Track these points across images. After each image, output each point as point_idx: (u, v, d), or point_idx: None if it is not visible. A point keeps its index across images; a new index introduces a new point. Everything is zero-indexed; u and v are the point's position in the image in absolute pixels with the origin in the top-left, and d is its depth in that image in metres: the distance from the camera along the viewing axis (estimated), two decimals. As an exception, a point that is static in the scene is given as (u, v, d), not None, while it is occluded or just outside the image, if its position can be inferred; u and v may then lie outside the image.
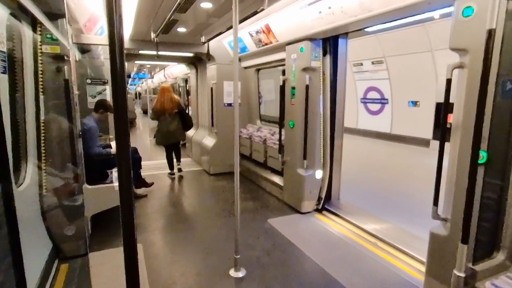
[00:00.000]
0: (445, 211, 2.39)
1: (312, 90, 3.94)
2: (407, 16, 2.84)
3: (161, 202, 4.61)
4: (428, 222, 2.47)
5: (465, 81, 2.18)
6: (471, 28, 2.10)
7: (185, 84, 11.19)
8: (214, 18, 4.00)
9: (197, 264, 3.00)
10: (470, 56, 2.13)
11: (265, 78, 6.06)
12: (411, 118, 9.32)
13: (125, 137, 1.02)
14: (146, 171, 6.02)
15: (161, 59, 6.83)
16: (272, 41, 4.45)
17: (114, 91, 0.99)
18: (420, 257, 2.89)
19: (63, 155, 2.91)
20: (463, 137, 2.21)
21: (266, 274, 2.81)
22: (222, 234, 3.61)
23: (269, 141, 5.03)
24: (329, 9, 3.17)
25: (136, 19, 4.08)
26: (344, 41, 3.97)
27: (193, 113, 7.85)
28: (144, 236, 3.52)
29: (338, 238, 3.48)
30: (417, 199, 4.62)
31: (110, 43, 0.95)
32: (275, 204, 4.56)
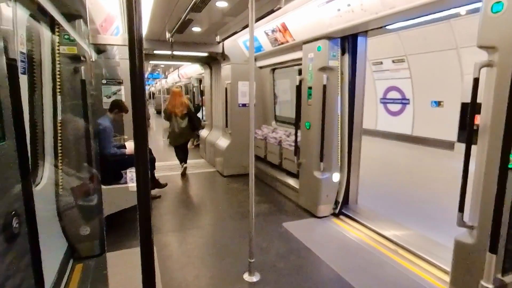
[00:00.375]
0: (472, 218, 2.26)
1: (330, 90, 3.85)
2: (432, 12, 2.72)
3: (175, 204, 4.61)
4: (452, 230, 2.35)
5: (494, 80, 2.06)
6: (500, 24, 1.98)
7: (199, 84, 11.23)
8: (229, 17, 3.96)
9: (211, 267, 2.96)
10: (499, 54, 2.01)
11: (280, 78, 5.99)
12: (434, 119, 9.00)
13: (143, 138, 1.00)
14: (159, 172, 6.04)
15: (176, 59, 6.86)
16: (288, 40, 4.37)
17: (133, 91, 0.98)
18: (443, 266, 2.75)
19: (79, 155, 2.93)
20: (491, 140, 2.09)
21: (281, 279, 2.73)
22: (236, 237, 3.56)
23: (284, 142, 4.96)
24: (348, 7, 3.08)
25: (151, 19, 4.08)
26: (364, 39, 3.85)
27: (207, 113, 7.85)
28: (157, 238, 3.51)
29: (356, 244, 3.37)
30: (440, 204, 4.43)
31: (130, 43, 0.95)
32: (291, 207, 4.48)
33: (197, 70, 9.30)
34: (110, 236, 3.45)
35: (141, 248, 1.06)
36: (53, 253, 2.67)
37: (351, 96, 3.97)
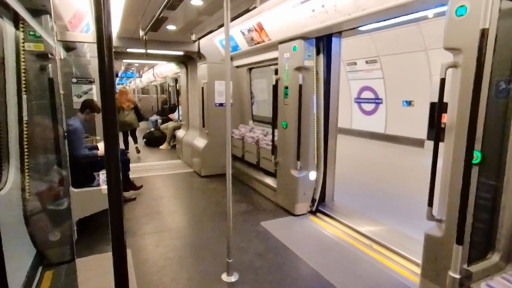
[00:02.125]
0: (440, 212, 2.36)
1: (306, 89, 3.90)
2: (401, 14, 2.82)
3: (151, 205, 4.50)
4: (423, 224, 2.45)
5: (459, 80, 2.16)
6: (464, 27, 2.08)
7: (175, 83, 11.05)
8: (205, 16, 3.92)
9: (188, 269, 2.92)
10: (463, 55, 2.11)
11: (257, 78, 6.00)
12: (405, 118, 9.36)
13: (114, 138, 0.98)
14: (135, 173, 5.90)
15: (150, 58, 6.70)
16: (264, 40, 4.39)
17: (103, 90, 0.95)
18: (415, 259, 2.86)
19: (48, 157, 2.80)
20: (457, 137, 2.19)
21: (259, 278, 2.74)
22: (214, 237, 3.53)
23: (261, 142, 4.97)
24: (322, 8, 3.13)
25: (123, 16, 3.96)
26: (338, 40, 3.93)
27: (184, 113, 7.74)
28: (133, 241, 3.41)
29: (332, 240, 3.44)
30: (412, 200, 4.62)
31: (98, 41, 0.92)
32: (268, 206, 4.50)
33: (172, 69, 9.14)
34: (82, 241, 3.33)
35: (113, 252, 1.03)
36: (20, 260, 2.53)
37: (326, 95, 4.05)
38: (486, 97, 2.03)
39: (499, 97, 2.12)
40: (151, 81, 14.89)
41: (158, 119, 10.71)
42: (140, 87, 18.51)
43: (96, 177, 3.63)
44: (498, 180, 2.20)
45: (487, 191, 2.23)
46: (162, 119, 10.38)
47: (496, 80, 2.08)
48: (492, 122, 2.10)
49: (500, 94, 2.12)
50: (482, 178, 2.15)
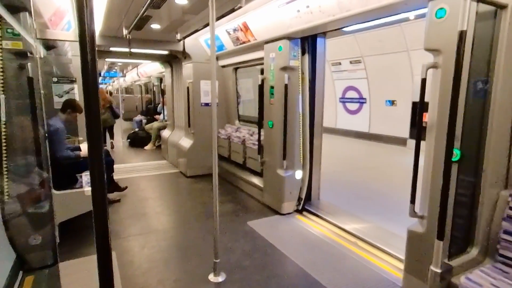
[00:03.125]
0: (422, 208, 2.43)
1: (291, 89, 3.93)
2: (384, 16, 2.87)
3: (136, 207, 4.43)
4: (406, 220, 2.51)
5: (439, 81, 2.23)
6: (444, 29, 2.14)
7: (160, 83, 10.91)
8: (189, 15, 3.89)
9: (175, 270, 2.89)
10: (443, 56, 2.18)
11: (243, 77, 6.00)
12: (388, 117, 9.56)
13: (97, 139, 0.96)
14: (119, 174, 5.79)
15: (134, 57, 6.59)
16: (250, 40, 4.39)
17: (86, 90, 0.93)
18: (398, 254, 2.93)
19: (28, 159, 2.71)
20: (437, 136, 2.26)
21: (247, 277, 2.75)
22: (200, 238, 3.51)
23: (248, 141, 4.98)
24: (307, 8, 3.16)
25: (106, 14, 3.89)
26: (323, 40, 3.98)
27: (169, 113, 7.65)
28: (117, 243, 3.35)
29: (318, 238, 3.48)
30: (396, 197, 4.72)
31: (80, 39, 0.90)
32: (255, 206, 4.51)
33: (157, 69, 9.02)
34: (65, 244, 3.25)
35: (98, 255, 1.02)
36: (-1, 266, 2.45)
37: (311, 95, 4.09)
38: (465, 97, 2.10)
39: (476, 96, 2.20)
40: (135, 81, 14.64)
41: (142, 119, 10.54)
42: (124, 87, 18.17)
43: (79, 179, 3.55)
44: (476, 177, 2.28)
45: (466, 188, 2.31)
46: (146, 119, 10.23)
47: (474, 81, 2.16)
48: (470, 121, 2.18)
49: (478, 94, 2.20)
50: (461, 175, 2.23)
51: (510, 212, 2.10)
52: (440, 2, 2.15)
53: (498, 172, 2.23)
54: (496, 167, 2.21)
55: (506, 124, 2.18)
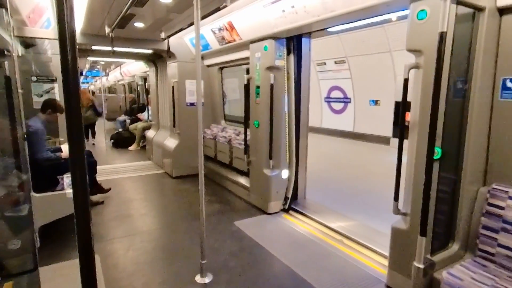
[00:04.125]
0: (405, 206, 2.48)
1: (277, 89, 3.94)
2: (367, 17, 2.92)
3: (120, 209, 4.35)
4: (390, 217, 2.56)
5: (420, 81, 2.28)
6: (425, 30, 2.20)
7: (144, 82, 10.74)
8: (174, 14, 3.84)
9: (161, 272, 2.85)
10: (424, 57, 2.23)
11: (229, 77, 5.98)
12: (372, 116, 9.73)
13: (79, 140, 0.94)
14: (102, 176, 5.67)
15: (117, 56, 6.46)
16: (235, 39, 4.38)
17: (66, 89, 0.91)
18: (383, 251, 2.99)
19: (5, 161, 2.62)
20: (419, 135, 2.31)
21: (234, 278, 2.74)
22: (187, 239, 3.48)
23: (234, 141, 4.96)
24: (292, 8, 3.17)
25: (88, 11, 3.79)
26: (308, 40, 4.01)
27: (153, 113, 7.54)
28: (101, 246, 3.28)
29: (305, 237, 3.50)
30: (380, 195, 4.80)
31: (60, 37, 0.88)
32: (242, 205, 4.50)
33: (141, 68, 8.88)
34: (46, 248, 3.15)
35: (80, 258, 0.99)
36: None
37: (297, 95, 4.11)
38: (445, 97, 2.16)
39: (456, 96, 2.26)
40: (118, 80, 14.36)
41: (126, 119, 10.35)
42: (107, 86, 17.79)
43: (60, 181, 3.45)
44: (457, 174, 2.35)
45: (447, 185, 2.37)
46: (130, 119, 10.06)
47: (454, 81, 2.22)
48: (451, 120, 2.24)
49: (458, 94, 2.27)
50: (443, 173, 2.29)
51: (488, 208, 2.17)
52: (421, 4, 2.20)
53: (477, 170, 2.30)
54: (475, 165, 2.29)
55: (484, 123, 2.25)
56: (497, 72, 2.19)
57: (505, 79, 2.15)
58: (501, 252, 2.08)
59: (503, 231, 2.08)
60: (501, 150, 2.23)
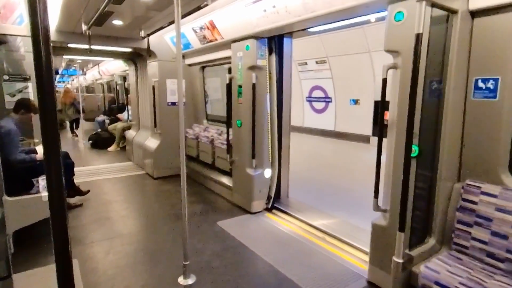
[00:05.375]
0: (385, 202, 2.55)
1: (259, 88, 3.94)
2: (347, 18, 2.97)
3: (99, 211, 4.23)
4: (371, 214, 2.62)
5: (398, 81, 2.35)
6: (402, 31, 2.26)
7: (124, 81, 10.50)
8: (154, 12, 3.77)
9: (143, 275, 2.79)
10: (401, 57, 2.29)
11: (211, 76, 5.94)
12: (353, 116, 9.92)
13: (54, 141, 0.91)
14: (80, 177, 5.51)
15: (95, 54, 6.29)
16: (217, 38, 4.35)
17: (40, 89, 0.88)
18: (364, 247, 3.05)
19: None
20: (398, 133, 2.38)
21: (217, 278, 2.72)
22: (169, 241, 3.43)
23: (216, 141, 4.93)
24: (273, 8, 3.19)
25: (63, 8, 3.66)
26: (289, 40, 4.03)
27: (133, 113, 7.39)
28: (79, 250, 3.18)
29: (288, 236, 3.53)
30: (360, 192, 4.89)
31: (33, 34, 0.85)
32: (225, 205, 4.48)
33: (120, 67, 8.67)
34: (21, 254, 3.03)
35: (57, 263, 0.96)
36: None
37: (279, 94, 4.13)
38: (422, 96, 2.23)
39: (432, 96, 2.34)
40: (96, 79, 13.96)
41: (105, 120, 10.09)
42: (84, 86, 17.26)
43: (35, 184, 3.32)
44: (433, 171, 2.43)
45: (424, 182, 2.45)
46: (110, 119, 9.81)
47: (430, 81, 2.30)
48: (427, 119, 2.32)
49: (433, 93, 2.34)
50: (420, 170, 2.36)
51: (462, 203, 2.26)
52: (398, 6, 2.26)
53: (452, 166, 2.39)
54: (450, 162, 2.37)
55: (458, 122, 2.34)
56: (470, 73, 2.28)
57: (477, 79, 2.25)
58: (475, 245, 2.17)
59: (476, 225, 2.17)
60: (474, 147, 2.32)
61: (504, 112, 2.14)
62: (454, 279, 1.91)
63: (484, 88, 2.21)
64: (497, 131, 2.18)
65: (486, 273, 1.99)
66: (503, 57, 2.11)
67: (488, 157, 2.25)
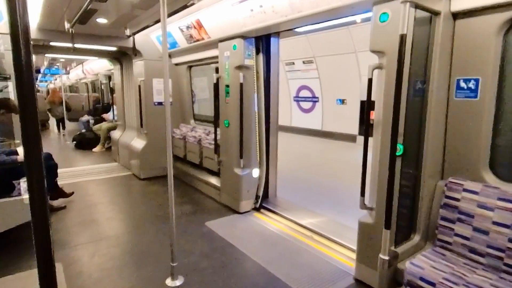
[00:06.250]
0: (371, 201, 2.59)
1: (247, 88, 3.94)
2: (333, 18, 3.01)
3: (84, 214, 4.14)
4: (357, 212, 2.66)
5: (383, 81, 2.39)
6: (387, 32, 2.30)
7: (109, 81, 10.31)
8: (139, 10, 3.71)
9: (129, 277, 2.75)
10: (387, 58, 2.33)
11: (198, 76, 5.89)
12: (339, 115, 10.03)
13: (35, 141, 0.89)
14: (64, 179, 5.38)
15: (79, 53, 6.15)
16: (204, 38, 4.32)
17: (20, 88, 0.86)
18: (351, 245, 3.09)
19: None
20: (383, 132, 2.42)
21: (205, 279, 2.71)
22: (156, 242, 3.39)
23: (204, 141, 4.90)
24: (260, 8, 3.19)
25: (45, 5, 3.57)
26: (276, 40, 4.04)
27: (119, 113, 7.27)
28: (64, 254, 3.11)
29: (276, 235, 3.54)
30: (347, 191, 4.95)
31: (12, 32, 0.82)
32: (213, 206, 4.46)
33: (105, 66, 8.50)
34: (1, 258, 2.95)
35: (39, 268, 0.94)
36: None
37: (266, 94, 4.14)
38: (406, 96, 2.27)
39: (416, 95, 2.39)
40: (80, 78, 13.65)
41: (90, 120, 9.88)
42: (68, 85, 16.86)
43: (16, 186, 3.22)
44: (417, 169, 2.48)
45: (408, 180, 2.50)
46: (94, 120, 9.61)
47: (414, 81, 2.34)
48: (412, 118, 2.37)
49: (417, 93, 2.39)
50: (405, 168, 2.41)
51: (446, 200, 2.32)
52: (383, 7, 2.30)
53: (435, 164, 2.45)
54: (434, 160, 2.43)
55: (441, 121, 2.40)
56: (452, 73, 2.34)
57: (459, 80, 2.31)
58: (457, 241, 2.23)
59: (459, 221, 2.23)
60: (456, 145, 2.39)
61: (484, 111, 2.20)
62: (438, 274, 1.95)
63: (466, 88, 2.27)
64: (478, 130, 2.24)
65: (468, 268, 2.05)
66: (483, 58, 2.17)
67: (470, 155, 2.31)
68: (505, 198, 2.05)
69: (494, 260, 2.05)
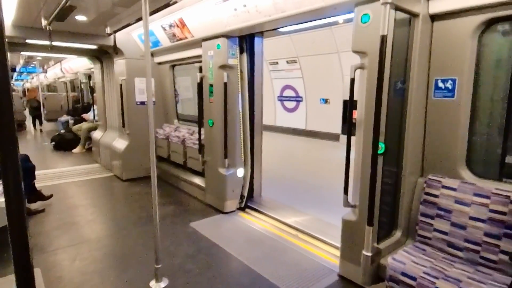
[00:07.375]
0: (354, 198, 2.63)
1: (231, 88, 3.93)
2: (316, 18, 3.04)
3: (64, 217, 4.02)
4: (341, 210, 2.70)
5: (365, 80, 2.43)
6: (368, 33, 2.34)
7: (89, 80, 10.04)
8: (120, 8, 3.63)
9: (112, 281, 2.69)
10: (368, 58, 2.38)
11: (181, 75, 5.83)
12: (323, 114, 10.14)
13: (11, 142, 0.87)
14: (42, 181, 5.21)
15: (56, 51, 5.95)
16: (187, 36, 4.27)
17: None
18: (335, 243, 3.13)
19: None
20: (365, 131, 2.46)
21: (190, 280, 2.68)
22: (140, 244, 3.33)
23: (188, 141, 4.85)
24: (244, 7, 3.18)
25: (20, 0, 3.43)
26: (260, 39, 4.05)
27: (100, 112, 7.09)
28: (42, 258, 3.00)
29: (261, 234, 3.55)
30: (331, 189, 5.01)
31: None
32: (197, 206, 4.42)
33: (85, 64, 8.27)
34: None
35: (16, 273, 0.92)
36: None
37: (250, 93, 4.14)
38: (387, 95, 2.33)
39: (397, 95, 2.45)
40: (59, 77, 13.23)
41: (69, 120, 9.60)
42: (45, 84, 16.31)
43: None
44: (398, 167, 2.54)
45: (390, 177, 2.56)
46: (74, 120, 9.34)
47: (395, 81, 2.40)
48: (392, 117, 2.43)
49: (397, 93, 2.45)
50: (386, 166, 2.47)
51: (425, 196, 2.39)
52: (365, 8, 2.34)
53: (415, 162, 2.52)
54: (414, 158, 2.50)
55: (421, 120, 2.47)
56: (431, 73, 2.41)
57: (437, 80, 2.38)
58: (436, 236, 2.30)
59: (437, 217, 2.30)
60: (435, 144, 2.46)
61: (461, 110, 2.28)
62: (418, 269, 2.01)
63: (443, 88, 2.35)
64: (455, 128, 2.32)
65: (447, 262, 2.12)
66: (459, 59, 2.25)
67: (448, 153, 2.39)
68: (480, 194, 2.13)
69: (471, 253, 2.13)
